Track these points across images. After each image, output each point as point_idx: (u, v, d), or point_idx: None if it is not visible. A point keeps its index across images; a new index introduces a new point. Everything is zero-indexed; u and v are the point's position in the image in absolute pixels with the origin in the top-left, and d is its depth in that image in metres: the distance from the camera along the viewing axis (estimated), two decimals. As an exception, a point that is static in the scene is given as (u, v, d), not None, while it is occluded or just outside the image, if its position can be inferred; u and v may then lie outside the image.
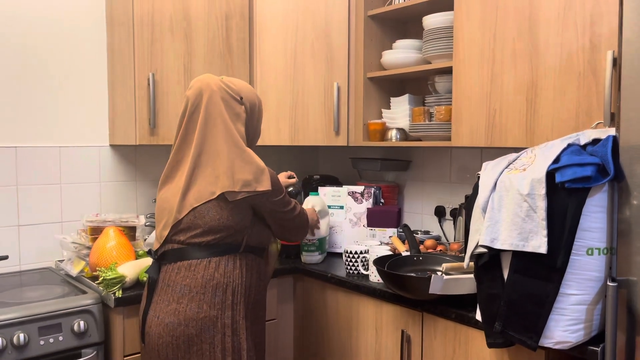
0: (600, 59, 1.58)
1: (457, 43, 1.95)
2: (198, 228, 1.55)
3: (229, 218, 1.54)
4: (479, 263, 1.46)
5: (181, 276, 1.55)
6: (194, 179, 1.57)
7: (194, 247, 1.56)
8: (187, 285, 1.54)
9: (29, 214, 2.17)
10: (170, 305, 1.53)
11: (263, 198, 1.57)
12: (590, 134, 1.38)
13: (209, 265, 1.55)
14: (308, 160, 3.06)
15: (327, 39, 2.39)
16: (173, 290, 1.55)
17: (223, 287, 1.54)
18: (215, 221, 1.54)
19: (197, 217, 1.55)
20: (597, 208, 1.29)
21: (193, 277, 1.54)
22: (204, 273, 1.54)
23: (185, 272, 1.55)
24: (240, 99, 1.62)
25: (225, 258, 1.57)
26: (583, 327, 1.32)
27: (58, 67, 2.22)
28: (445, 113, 2.08)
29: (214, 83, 1.60)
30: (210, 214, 1.54)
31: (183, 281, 1.54)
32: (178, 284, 1.54)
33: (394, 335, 1.82)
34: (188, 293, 1.53)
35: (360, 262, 1.99)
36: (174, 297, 1.54)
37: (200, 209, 1.55)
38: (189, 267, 1.55)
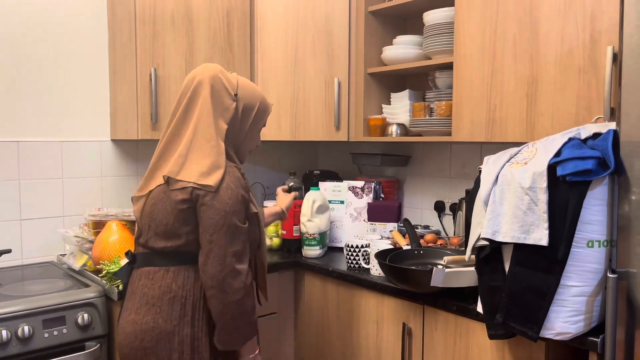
0: (601, 54, 1.59)
1: (458, 39, 1.96)
2: (151, 231, 1.45)
3: (174, 224, 1.40)
4: (481, 256, 1.47)
5: (141, 284, 1.44)
6: (156, 168, 1.48)
7: (154, 253, 1.45)
8: (146, 294, 1.42)
9: (31, 208, 2.17)
10: (130, 315, 1.43)
11: (203, 199, 1.37)
12: (591, 128, 1.40)
13: (167, 275, 1.42)
14: (308, 156, 3.07)
15: (328, 34, 2.40)
16: (134, 298, 1.44)
17: (181, 300, 1.40)
18: (162, 226, 1.42)
19: (150, 219, 1.44)
20: (598, 201, 1.31)
21: (151, 286, 1.42)
22: (161, 283, 1.42)
23: (145, 280, 1.44)
24: (234, 95, 1.50)
25: (184, 268, 1.42)
26: (583, 319, 1.34)
27: (60, 62, 2.23)
28: (445, 108, 2.10)
29: (209, 70, 1.49)
30: (158, 217, 1.42)
31: (142, 289, 1.43)
32: (138, 293, 1.44)
33: (395, 328, 1.84)
34: (145, 304, 1.41)
35: (361, 255, 2.01)
36: (134, 306, 1.43)
37: (153, 211, 1.44)
38: (148, 275, 1.44)
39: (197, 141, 1.43)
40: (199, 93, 1.47)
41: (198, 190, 1.37)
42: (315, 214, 2.25)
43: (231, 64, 2.34)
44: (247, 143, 1.57)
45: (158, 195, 1.44)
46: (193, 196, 1.38)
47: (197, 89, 1.47)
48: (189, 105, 1.47)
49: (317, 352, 2.16)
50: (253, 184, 2.84)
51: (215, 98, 1.47)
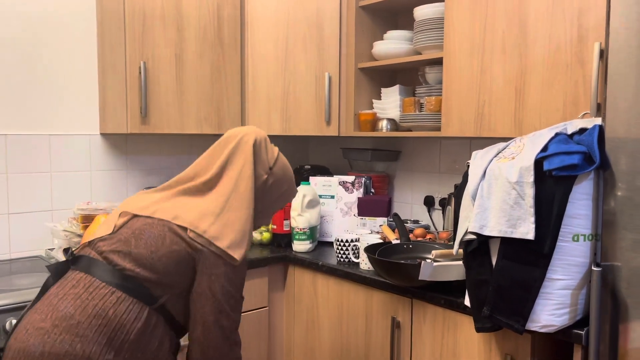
0: (588, 51, 1.61)
1: (448, 34, 1.97)
2: (125, 246, 1.28)
3: (160, 259, 1.27)
4: (468, 249, 1.49)
5: (74, 292, 1.23)
6: (171, 199, 1.36)
7: (107, 266, 1.26)
8: (73, 307, 1.20)
9: (19, 202, 2.16)
10: (44, 323, 1.19)
11: (219, 269, 1.29)
12: (577, 124, 1.41)
13: (110, 297, 1.22)
14: (299, 150, 3.07)
15: (319, 29, 2.40)
16: (57, 304, 1.22)
17: (112, 334, 1.20)
18: (146, 253, 1.27)
19: (134, 233, 1.29)
20: (583, 195, 1.32)
21: (85, 300, 1.21)
22: (99, 303, 1.21)
23: (81, 289, 1.23)
24: (268, 168, 1.46)
25: (134, 302, 1.24)
26: (568, 312, 1.36)
27: (48, 55, 2.21)
28: (435, 104, 2.11)
29: (257, 133, 1.47)
30: (148, 241, 1.28)
31: (72, 299, 1.22)
32: (65, 300, 1.22)
33: (384, 321, 1.85)
34: (68, 319, 1.19)
35: (351, 250, 2.02)
36: (53, 314, 1.20)
37: (144, 227, 1.30)
38: (87, 286, 1.24)
39: (235, 202, 1.36)
40: (242, 150, 1.42)
41: (221, 259, 1.30)
42: (306, 208, 2.25)
43: (222, 59, 2.34)
44: (258, 219, 1.50)
45: (163, 227, 1.30)
46: (212, 259, 1.30)
47: (242, 146, 1.43)
48: (230, 158, 1.41)
49: (307, 345, 2.17)
50: (243, 179, 2.84)
51: (256, 163, 1.43)
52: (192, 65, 2.25)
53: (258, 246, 2.38)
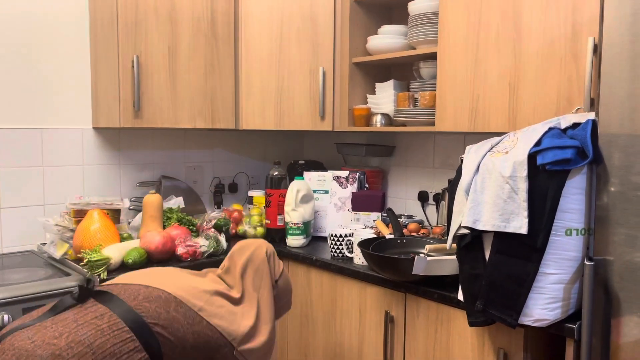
0: (582, 46, 1.61)
1: (442, 29, 1.97)
2: (164, 305, 1.34)
3: (193, 334, 1.34)
4: (462, 244, 1.49)
5: (96, 324, 1.24)
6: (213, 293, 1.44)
7: (135, 313, 1.29)
8: (94, 337, 1.22)
9: (11, 197, 2.15)
10: (56, 340, 1.19)
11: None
12: (570, 118, 1.41)
13: (128, 343, 1.24)
14: (293, 145, 3.07)
15: (313, 23, 2.39)
16: (76, 330, 1.22)
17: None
18: (182, 321, 1.33)
19: (176, 300, 1.36)
20: (576, 190, 1.33)
21: (106, 335, 1.23)
22: (118, 343, 1.24)
23: (104, 324, 1.25)
24: (275, 282, 1.59)
25: (145, 357, 1.26)
26: (561, 306, 1.37)
27: (40, 48, 2.19)
28: (429, 98, 2.11)
29: (264, 244, 1.60)
30: (187, 313, 1.35)
31: (93, 330, 1.23)
32: (85, 328, 1.22)
33: (378, 316, 1.85)
34: (86, 346, 1.20)
35: (345, 245, 2.01)
36: (70, 336, 1.20)
37: (184, 303, 1.36)
38: (111, 324, 1.25)
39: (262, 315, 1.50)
40: (256, 264, 1.54)
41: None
42: (300, 203, 2.25)
43: (215, 52, 2.32)
44: None
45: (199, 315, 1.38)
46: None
47: (255, 259, 1.55)
48: (248, 270, 1.53)
49: (301, 340, 2.17)
50: (237, 174, 2.84)
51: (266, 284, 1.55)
52: (185, 59, 2.23)
53: (252, 241, 2.37)
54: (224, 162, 2.78)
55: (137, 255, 1.86)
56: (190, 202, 2.53)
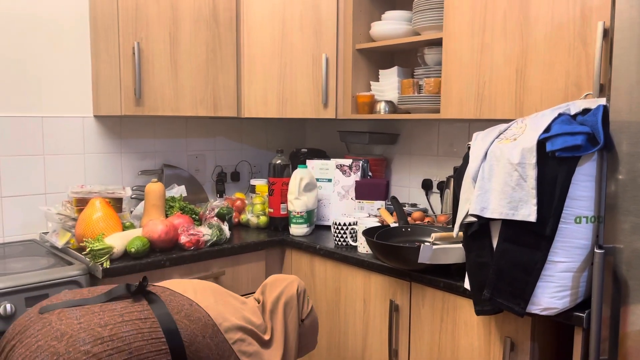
0: (591, 30, 1.58)
1: (447, 14, 1.93)
2: (198, 325, 1.34)
3: (210, 347, 1.32)
4: (469, 232, 1.47)
5: (139, 325, 1.26)
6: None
7: (171, 323, 1.29)
8: (134, 337, 1.23)
9: (12, 186, 2.13)
10: (101, 329, 1.21)
11: None
12: (580, 104, 1.39)
13: (161, 347, 1.25)
14: (296, 133, 3.04)
15: (316, 9, 2.35)
16: (121, 325, 1.24)
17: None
18: (211, 346, 1.33)
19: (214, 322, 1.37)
20: (586, 177, 1.30)
21: (146, 336, 1.24)
22: (152, 351, 1.23)
23: (145, 327, 1.26)
24: (301, 321, 1.58)
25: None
26: (569, 294, 1.35)
27: (40, 35, 2.16)
28: (434, 85, 2.08)
29: (296, 280, 1.60)
30: (218, 344, 1.34)
31: (135, 331, 1.24)
32: (128, 326, 1.24)
33: (382, 305, 1.84)
34: (125, 344, 1.22)
35: (349, 233, 2.00)
36: (114, 329, 1.22)
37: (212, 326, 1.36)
38: (150, 327, 1.26)
39: (288, 357, 1.51)
40: (287, 301, 1.54)
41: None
42: (303, 192, 2.23)
43: (217, 39, 2.29)
44: None
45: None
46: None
47: (287, 294, 1.54)
48: (277, 308, 1.53)
49: (304, 329, 2.16)
50: (239, 162, 2.81)
51: (293, 323, 1.54)
52: (187, 45, 2.20)
53: (255, 230, 2.36)
54: (226, 150, 2.76)
55: (139, 244, 1.85)
56: (192, 191, 2.51)
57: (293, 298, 1.54)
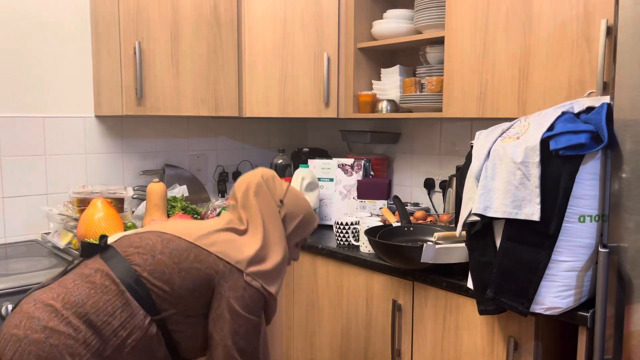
0: (594, 28, 1.57)
1: (449, 12, 1.93)
2: (151, 250, 1.28)
3: (180, 273, 1.26)
4: (472, 231, 1.46)
5: (91, 282, 1.23)
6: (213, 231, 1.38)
7: (126, 263, 1.26)
8: (86, 296, 1.20)
9: (14, 186, 2.12)
10: (53, 301, 1.20)
11: (238, 292, 1.30)
12: (584, 102, 1.38)
13: (120, 297, 1.22)
14: (297, 133, 3.04)
15: (317, 8, 2.34)
16: (72, 289, 1.22)
17: (110, 335, 1.19)
18: (169, 262, 1.27)
19: (163, 242, 1.30)
20: (590, 175, 1.30)
21: (99, 293, 1.21)
22: (110, 299, 1.21)
23: (98, 280, 1.23)
24: (280, 201, 1.47)
25: (139, 308, 1.23)
26: (573, 294, 1.34)
27: (41, 35, 2.16)
28: (436, 84, 2.07)
29: (260, 172, 1.51)
30: (174, 252, 1.28)
31: (87, 289, 1.22)
32: (79, 288, 1.22)
33: (385, 304, 1.83)
34: (79, 306, 1.19)
35: (351, 233, 1.99)
36: (65, 297, 1.20)
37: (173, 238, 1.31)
38: (103, 279, 1.24)
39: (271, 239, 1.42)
40: (254, 192, 1.45)
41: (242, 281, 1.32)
42: (305, 191, 2.22)
43: (218, 38, 2.29)
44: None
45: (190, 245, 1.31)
46: (233, 280, 1.32)
47: (252, 188, 1.46)
48: (245, 203, 1.45)
49: (307, 329, 2.15)
50: (241, 162, 2.81)
51: (268, 206, 1.45)
52: (188, 45, 2.20)
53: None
54: (227, 150, 2.75)
55: (141, 245, 1.84)
56: (194, 191, 2.51)
57: (260, 184, 1.46)
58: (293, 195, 1.51)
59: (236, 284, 1.30)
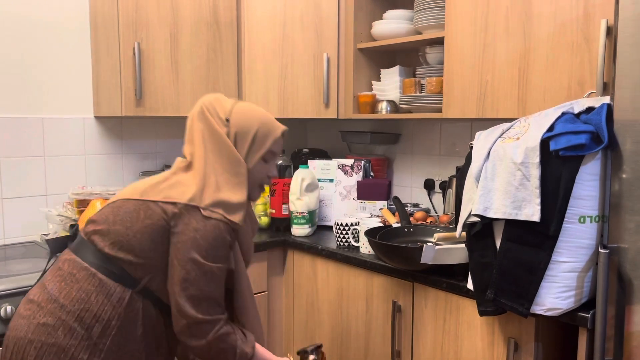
0: (594, 28, 1.57)
1: (449, 13, 1.92)
2: (105, 225, 1.25)
3: (135, 235, 1.22)
4: (472, 232, 1.46)
5: (60, 274, 1.24)
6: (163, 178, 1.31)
7: (90, 246, 1.24)
8: (59, 289, 1.21)
9: (13, 187, 2.12)
10: (29, 305, 1.22)
11: (187, 235, 1.22)
12: (584, 103, 1.38)
13: (92, 279, 1.21)
14: (297, 133, 3.03)
15: (317, 8, 2.34)
16: (46, 286, 1.23)
17: (92, 321, 1.19)
18: (122, 230, 1.24)
19: (113, 211, 1.26)
20: (590, 176, 1.29)
21: (69, 283, 1.21)
22: (83, 286, 1.21)
23: (66, 271, 1.24)
24: (225, 120, 1.35)
25: (116, 285, 1.22)
26: (574, 294, 1.34)
27: (40, 36, 2.15)
28: (436, 84, 2.07)
29: (202, 101, 1.39)
30: (124, 217, 1.24)
31: (58, 282, 1.22)
32: (52, 283, 1.23)
33: (385, 305, 1.83)
34: (52, 302, 1.20)
35: (351, 234, 1.99)
36: (40, 296, 1.22)
37: (122, 203, 1.27)
38: (72, 268, 1.23)
39: (216, 166, 1.31)
40: (195, 121, 1.36)
41: (192, 223, 1.23)
42: (304, 192, 2.22)
43: (217, 39, 2.28)
44: (252, 174, 1.37)
45: (137, 202, 1.26)
46: (183, 223, 1.23)
47: (194, 117, 1.37)
48: (190, 137, 1.36)
49: (307, 330, 2.15)
50: (241, 163, 2.80)
51: (208, 129, 1.34)
52: (187, 45, 2.19)
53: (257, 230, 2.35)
54: (227, 151, 2.75)
55: (141, 246, 1.84)
56: (193, 192, 2.50)
57: (201, 112, 1.35)
58: (240, 110, 1.37)
59: (190, 223, 1.22)
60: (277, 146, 1.41)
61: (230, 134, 1.34)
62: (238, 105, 1.39)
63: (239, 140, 1.35)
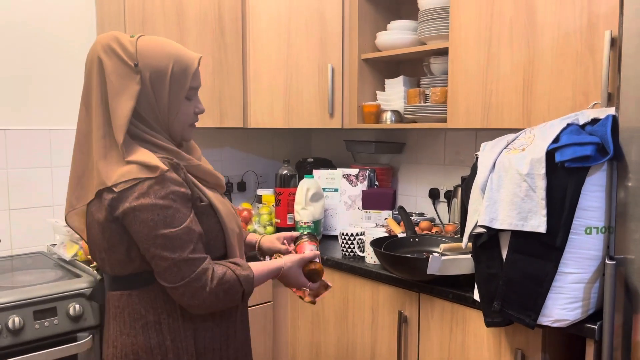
0: (599, 39, 1.57)
1: (453, 23, 1.93)
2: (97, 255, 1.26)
3: (94, 245, 1.25)
4: (478, 243, 1.46)
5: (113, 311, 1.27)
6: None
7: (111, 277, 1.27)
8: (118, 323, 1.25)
9: (20, 198, 2.13)
10: (108, 349, 1.26)
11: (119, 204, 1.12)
12: (589, 114, 1.38)
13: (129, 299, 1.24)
14: (302, 143, 3.04)
15: (321, 19, 2.36)
16: (109, 326, 1.27)
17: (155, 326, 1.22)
18: (89, 245, 1.27)
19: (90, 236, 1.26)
20: (596, 187, 1.29)
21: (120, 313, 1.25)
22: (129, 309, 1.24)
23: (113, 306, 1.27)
24: (134, 66, 1.15)
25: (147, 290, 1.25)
26: (581, 306, 1.34)
27: (48, 48, 2.17)
28: (440, 94, 2.07)
29: (97, 43, 1.19)
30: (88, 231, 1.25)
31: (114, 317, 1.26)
32: (112, 320, 1.26)
33: (391, 316, 1.83)
34: (120, 334, 1.24)
35: (356, 244, 1.99)
36: (111, 336, 1.26)
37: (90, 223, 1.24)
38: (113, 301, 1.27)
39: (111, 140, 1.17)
40: (90, 77, 1.20)
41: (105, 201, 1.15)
42: (309, 202, 2.23)
43: (222, 48, 2.30)
44: (178, 118, 1.23)
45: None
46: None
47: (89, 71, 1.20)
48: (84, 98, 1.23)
49: (313, 340, 2.15)
50: (246, 172, 2.82)
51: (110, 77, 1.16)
52: (193, 57, 2.21)
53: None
54: (232, 160, 2.76)
55: (147, 256, 1.84)
56: (199, 202, 2.51)
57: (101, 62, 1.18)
58: (147, 49, 1.18)
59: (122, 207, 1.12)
60: (197, 80, 1.25)
61: (144, 81, 1.17)
62: (141, 42, 1.19)
63: (155, 85, 1.18)
